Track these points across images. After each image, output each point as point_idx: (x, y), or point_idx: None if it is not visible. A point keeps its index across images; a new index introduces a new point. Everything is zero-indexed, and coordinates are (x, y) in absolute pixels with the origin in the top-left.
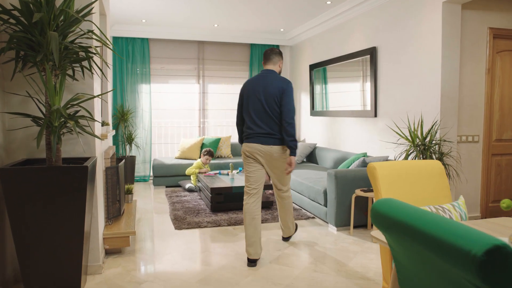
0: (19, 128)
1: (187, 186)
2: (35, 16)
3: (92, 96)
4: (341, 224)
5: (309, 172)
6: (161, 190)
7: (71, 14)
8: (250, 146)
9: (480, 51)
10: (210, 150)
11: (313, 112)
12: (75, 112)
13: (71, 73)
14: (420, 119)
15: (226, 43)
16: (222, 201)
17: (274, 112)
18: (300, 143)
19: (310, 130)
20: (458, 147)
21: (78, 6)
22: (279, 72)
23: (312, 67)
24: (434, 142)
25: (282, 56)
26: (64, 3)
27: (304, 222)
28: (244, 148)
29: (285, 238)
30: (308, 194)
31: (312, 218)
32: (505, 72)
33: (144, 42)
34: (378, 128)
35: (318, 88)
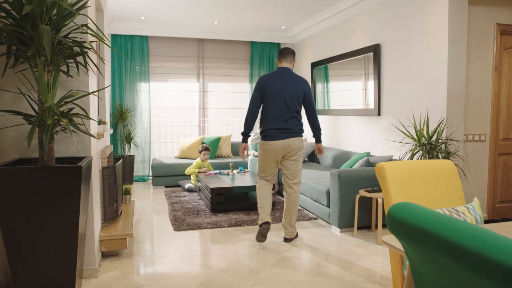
0: (11, 126)
1: (187, 186)
2: (25, 8)
3: (86, 93)
4: (344, 225)
5: (311, 172)
6: (160, 190)
7: (65, 7)
8: (269, 144)
9: (487, 48)
10: (204, 145)
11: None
12: (69, 109)
13: (66, 69)
14: (426, 118)
15: (226, 41)
16: (222, 201)
17: (294, 108)
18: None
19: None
20: (464, 146)
21: None
22: None
23: (314, 65)
24: (441, 141)
25: (295, 55)
26: None
27: (307, 223)
28: (264, 146)
29: (287, 240)
30: (311, 195)
31: (315, 219)
32: None
33: (143, 39)
34: (381, 127)
35: (319, 86)
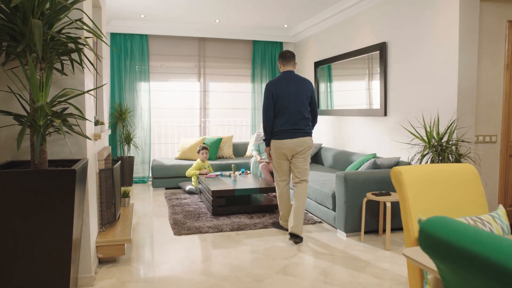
0: (2, 127)
1: (188, 188)
2: (14, 1)
3: (81, 92)
4: (351, 229)
5: (315, 174)
6: (160, 192)
7: (58, 1)
8: (280, 143)
9: (498, 46)
10: (202, 145)
11: (318, 111)
12: (63, 109)
13: (60, 67)
14: (437, 118)
15: (227, 40)
16: (224, 204)
17: (305, 110)
18: None
19: (315, 130)
20: (475, 147)
21: None
22: None
23: (317, 64)
24: (452, 143)
25: (295, 58)
26: None
27: (311, 227)
28: (274, 144)
29: (293, 236)
30: (315, 198)
31: (320, 222)
32: None
33: (143, 38)
34: (388, 127)
35: (322, 86)
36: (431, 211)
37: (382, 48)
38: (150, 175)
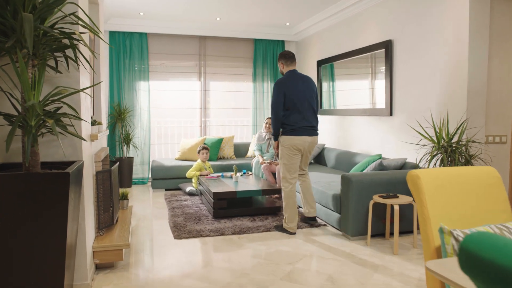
0: None
1: (188, 189)
2: None
3: (75, 90)
4: (356, 233)
5: (319, 175)
6: (160, 194)
7: None
8: (299, 139)
9: (510, 43)
10: (202, 145)
11: (321, 110)
12: (57, 109)
13: (54, 64)
14: (446, 118)
15: (228, 38)
16: (225, 207)
17: (314, 107)
18: None
19: (318, 130)
20: (485, 148)
21: None
22: None
23: (320, 63)
24: (462, 143)
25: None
26: None
27: (316, 230)
28: (292, 139)
29: (311, 218)
30: (319, 199)
31: (324, 225)
32: None
33: (143, 36)
34: (394, 127)
35: (325, 85)
36: (452, 218)
37: (387, 46)
38: (150, 176)
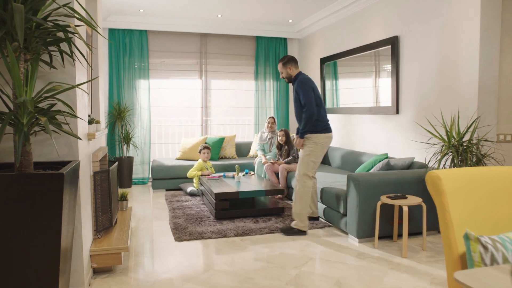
0: None
1: (189, 189)
2: None
3: (70, 86)
4: (363, 235)
5: (323, 175)
6: (160, 194)
7: None
8: (330, 136)
9: None
10: (204, 145)
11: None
12: (51, 106)
13: (49, 59)
14: (457, 115)
15: (230, 36)
16: (228, 208)
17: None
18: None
19: None
20: (497, 147)
21: None
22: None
23: (324, 60)
24: (473, 142)
25: None
26: None
27: (320, 232)
28: (327, 137)
29: (315, 218)
30: (324, 200)
31: (329, 226)
32: None
33: (143, 34)
34: (400, 126)
35: (328, 83)
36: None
37: (394, 42)
38: (150, 176)
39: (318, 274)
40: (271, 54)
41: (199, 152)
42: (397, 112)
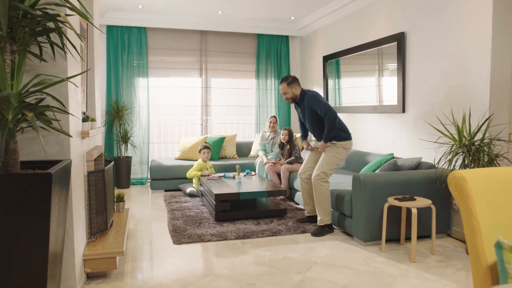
0: None
1: (188, 190)
2: None
3: (60, 79)
4: (370, 238)
5: None
6: (159, 195)
7: None
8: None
9: None
10: (204, 144)
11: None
12: (39, 100)
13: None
14: (469, 113)
15: (231, 33)
16: (228, 209)
17: None
18: (313, 141)
19: None
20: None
21: None
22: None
23: (326, 58)
24: (486, 142)
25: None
26: None
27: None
28: (349, 145)
29: (315, 218)
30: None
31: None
32: None
33: (141, 31)
34: (406, 125)
35: (331, 82)
36: (507, 230)
37: (400, 39)
38: (149, 176)
39: (323, 280)
40: (273, 52)
41: (199, 152)
42: (403, 110)
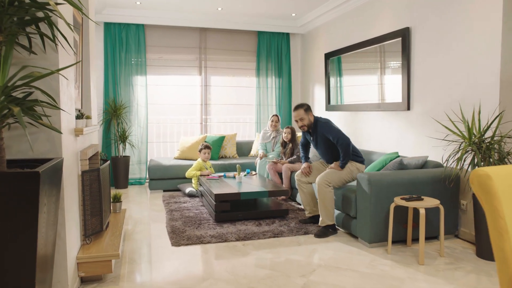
0: None
1: (188, 190)
2: None
3: (50, 71)
4: (375, 239)
5: None
6: (158, 195)
7: None
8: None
9: None
10: (204, 143)
11: (328, 106)
12: (27, 94)
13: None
14: (478, 110)
15: (230, 30)
16: (228, 209)
17: None
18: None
19: None
20: None
21: None
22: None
23: (328, 56)
24: (496, 139)
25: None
26: None
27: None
28: (361, 168)
29: (315, 218)
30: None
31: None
32: None
33: (140, 28)
34: (412, 123)
35: (333, 80)
36: None
37: (404, 34)
38: (147, 176)
39: (327, 283)
40: (273, 49)
41: (199, 151)
42: (408, 108)
